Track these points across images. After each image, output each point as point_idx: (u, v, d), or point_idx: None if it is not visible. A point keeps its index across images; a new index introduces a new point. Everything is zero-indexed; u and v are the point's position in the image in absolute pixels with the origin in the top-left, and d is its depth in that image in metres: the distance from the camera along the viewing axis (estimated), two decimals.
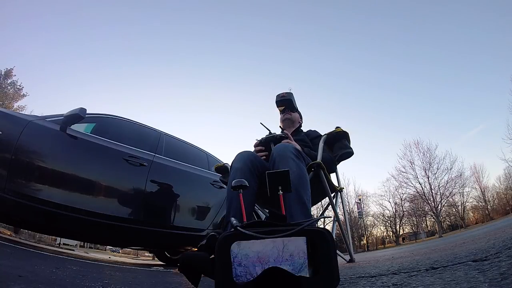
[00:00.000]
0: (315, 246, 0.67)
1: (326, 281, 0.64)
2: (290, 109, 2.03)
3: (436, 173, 23.83)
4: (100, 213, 2.32)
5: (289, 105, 2.02)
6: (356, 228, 26.71)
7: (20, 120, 2.18)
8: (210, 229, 3.06)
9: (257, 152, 1.60)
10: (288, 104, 2.01)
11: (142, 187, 2.63)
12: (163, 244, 3.20)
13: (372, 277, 1.03)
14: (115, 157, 2.55)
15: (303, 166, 1.28)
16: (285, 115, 2.03)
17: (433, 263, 1.09)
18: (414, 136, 38.76)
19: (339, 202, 2.05)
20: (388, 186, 27.02)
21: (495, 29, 31.34)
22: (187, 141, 3.50)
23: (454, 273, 0.78)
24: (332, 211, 1.99)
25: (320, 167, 1.61)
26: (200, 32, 41.44)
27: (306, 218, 1.09)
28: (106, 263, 2.52)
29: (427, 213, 25.11)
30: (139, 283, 1.28)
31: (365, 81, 40.38)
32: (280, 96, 2.00)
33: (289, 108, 2.03)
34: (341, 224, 2.19)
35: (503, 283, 0.57)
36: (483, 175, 26.45)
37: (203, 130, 42.72)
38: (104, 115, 2.79)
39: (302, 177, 1.22)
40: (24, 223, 2.40)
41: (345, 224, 3.01)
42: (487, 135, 34.55)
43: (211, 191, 3.24)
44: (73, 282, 1.05)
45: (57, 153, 2.29)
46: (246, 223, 0.76)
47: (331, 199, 1.88)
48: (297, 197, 1.15)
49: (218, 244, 0.70)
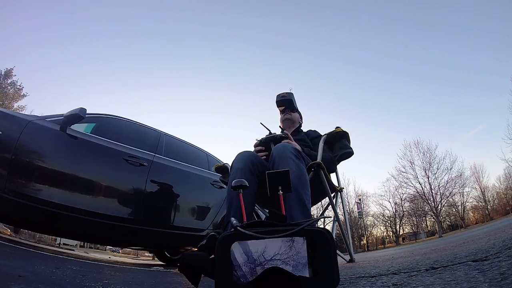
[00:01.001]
0: (315, 246, 0.67)
1: (326, 281, 0.64)
2: (290, 109, 2.03)
3: (436, 173, 23.86)
4: (100, 213, 2.32)
5: (289, 105, 2.01)
6: (356, 228, 26.70)
7: (20, 120, 2.18)
8: (210, 229, 3.06)
9: (257, 152, 1.60)
10: (288, 104, 2.01)
11: (142, 187, 2.63)
12: (163, 244, 3.20)
13: (372, 277, 1.03)
14: (115, 157, 2.55)
15: (303, 166, 1.28)
16: (285, 115, 2.03)
17: (433, 263, 1.09)
18: (414, 136, 38.76)
19: (339, 202, 2.05)
20: (388, 186, 27.08)
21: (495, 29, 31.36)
22: (187, 141, 3.50)
23: (454, 273, 0.78)
24: (332, 211, 1.99)
25: (320, 167, 1.61)
26: (200, 32, 41.49)
27: (305, 219, 1.08)
28: (106, 263, 2.52)
29: (427, 213, 25.11)
30: (139, 283, 1.28)
31: (365, 81, 40.42)
32: (281, 96, 2.00)
33: (289, 108, 2.03)
34: (341, 224, 2.19)
35: (503, 283, 0.57)
36: (483, 175, 26.50)
37: (203, 130, 42.75)
38: (104, 115, 2.79)
39: (302, 177, 1.22)
40: (24, 223, 2.40)
41: (345, 224, 3.00)
42: (487, 135, 34.59)
43: (211, 191, 3.24)
44: (73, 282, 1.05)
45: (57, 153, 2.29)
46: (246, 223, 0.76)
47: (331, 199, 1.88)
48: (297, 198, 1.15)
49: (218, 244, 0.70)
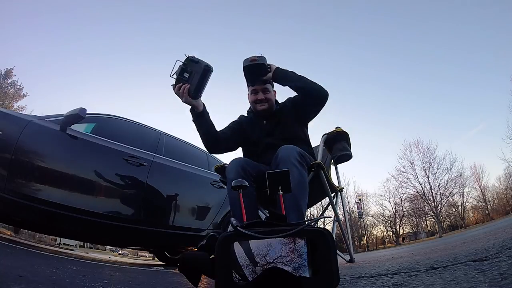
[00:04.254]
0: (315, 246, 0.67)
1: (326, 281, 0.64)
2: (263, 82, 1.59)
3: (436, 173, 23.87)
4: (100, 213, 2.32)
5: (262, 73, 1.53)
6: (356, 228, 26.70)
7: (20, 120, 2.18)
8: (210, 229, 3.06)
9: (178, 90, 1.40)
10: (261, 72, 1.53)
11: (142, 187, 2.63)
12: (163, 244, 3.20)
13: (372, 277, 1.03)
14: (115, 157, 2.55)
15: (305, 173, 1.28)
16: (259, 94, 1.60)
17: (433, 263, 1.09)
18: (414, 136, 38.77)
19: (339, 202, 2.05)
20: (388, 186, 27.04)
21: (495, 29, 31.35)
22: (187, 141, 3.50)
23: (454, 273, 0.78)
24: (332, 211, 1.99)
25: (321, 167, 1.61)
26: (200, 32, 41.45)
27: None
28: (106, 263, 2.52)
29: (427, 213, 25.11)
30: (139, 283, 1.28)
31: (365, 81, 40.41)
32: (249, 61, 1.49)
33: (262, 82, 1.59)
34: (341, 224, 2.19)
35: (503, 283, 0.57)
36: (483, 175, 26.49)
37: None
38: (104, 115, 2.79)
39: (303, 185, 1.24)
40: (24, 223, 2.40)
41: (345, 224, 3.01)
42: (487, 135, 34.63)
43: (211, 191, 3.24)
44: (73, 282, 1.05)
45: (57, 153, 2.29)
46: (246, 223, 0.76)
47: (331, 199, 1.88)
48: (295, 204, 1.17)
49: (218, 244, 0.70)
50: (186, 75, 1.40)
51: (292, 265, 0.66)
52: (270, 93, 1.64)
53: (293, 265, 0.66)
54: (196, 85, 1.38)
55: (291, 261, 0.66)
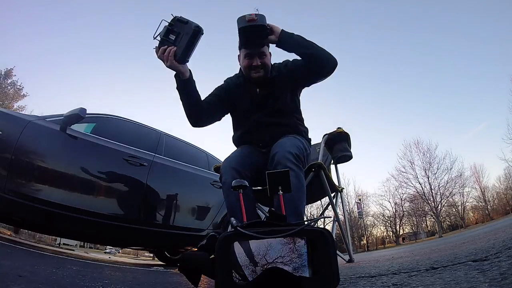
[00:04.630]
0: (315, 246, 0.67)
1: (326, 281, 0.64)
2: (261, 45, 1.39)
3: (436, 173, 23.91)
4: (100, 213, 2.32)
5: (262, 36, 1.33)
6: (356, 228, 26.72)
7: (20, 120, 2.18)
8: (210, 229, 3.06)
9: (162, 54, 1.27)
10: (261, 34, 1.33)
11: (142, 187, 2.63)
12: (163, 244, 3.20)
13: (372, 277, 1.03)
14: (115, 157, 2.55)
15: (302, 175, 1.27)
16: (254, 59, 1.39)
17: (433, 263, 1.09)
18: (414, 136, 38.76)
19: (339, 202, 2.05)
20: (388, 186, 27.10)
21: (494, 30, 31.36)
22: (187, 141, 3.50)
23: (454, 273, 0.78)
24: (332, 211, 1.99)
25: (321, 168, 1.61)
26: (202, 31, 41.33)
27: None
28: (106, 263, 2.52)
29: (427, 213, 25.13)
30: (139, 283, 1.28)
31: (365, 81, 40.43)
32: (247, 20, 1.28)
33: (261, 45, 1.38)
34: (341, 224, 2.19)
35: (503, 283, 0.57)
36: (483, 175, 26.53)
37: (203, 130, 42.70)
38: (104, 115, 2.79)
39: (300, 189, 1.23)
40: (24, 223, 2.40)
41: (345, 224, 3.01)
42: (487, 135, 34.69)
43: (211, 191, 3.23)
44: (73, 282, 1.05)
45: (57, 153, 2.29)
46: (246, 223, 0.76)
47: (331, 199, 1.88)
48: (294, 208, 1.17)
49: (218, 244, 0.70)
50: (172, 36, 1.25)
51: (292, 265, 0.66)
52: (266, 57, 1.42)
53: (293, 265, 0.66)
54: (184, 48, 1.24)
55: (291, 261, 0.66)
